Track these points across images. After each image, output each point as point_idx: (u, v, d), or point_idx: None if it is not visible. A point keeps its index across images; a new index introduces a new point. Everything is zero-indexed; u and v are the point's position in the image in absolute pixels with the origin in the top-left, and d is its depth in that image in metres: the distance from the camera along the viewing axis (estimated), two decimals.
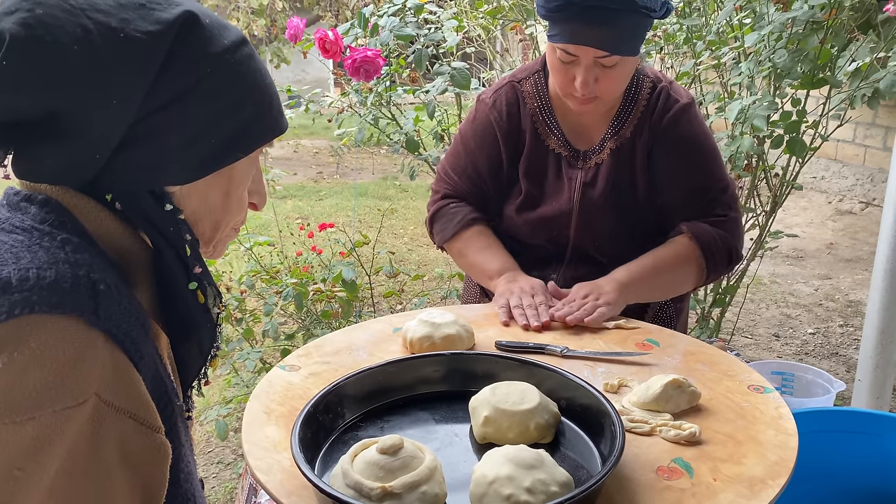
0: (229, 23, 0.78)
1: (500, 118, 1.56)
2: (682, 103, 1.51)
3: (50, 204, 0.70)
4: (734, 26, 2.50)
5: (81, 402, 0.61)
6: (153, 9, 0.70)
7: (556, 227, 1.54)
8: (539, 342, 1.30)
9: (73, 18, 0.66)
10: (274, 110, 0.79)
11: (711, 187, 1.51)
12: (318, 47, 2.17)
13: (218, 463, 2.68)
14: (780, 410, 1.06)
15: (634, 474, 0.93)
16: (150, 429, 0.66)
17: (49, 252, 0.66)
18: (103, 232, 0.72)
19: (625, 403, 1.09)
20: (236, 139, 0.75)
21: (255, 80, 0.76)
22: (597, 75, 1.38)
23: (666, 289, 1.50)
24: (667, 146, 1.50)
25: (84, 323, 0.64)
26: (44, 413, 0.60)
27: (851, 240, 4.94)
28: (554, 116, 1.55)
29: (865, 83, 2.28)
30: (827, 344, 3.49)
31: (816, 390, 1.38)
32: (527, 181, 1.55)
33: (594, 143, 1.54)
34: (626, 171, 1.51)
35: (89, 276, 0.66)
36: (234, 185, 0.79)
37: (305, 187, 6.50)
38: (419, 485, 0.83)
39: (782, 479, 0.91)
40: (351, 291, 2.47)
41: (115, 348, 0.65)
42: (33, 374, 0.61)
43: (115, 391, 0.64)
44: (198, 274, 0.78)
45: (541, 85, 1.56)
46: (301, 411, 0.96)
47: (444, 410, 1.08)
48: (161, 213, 0.74)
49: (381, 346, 1.31)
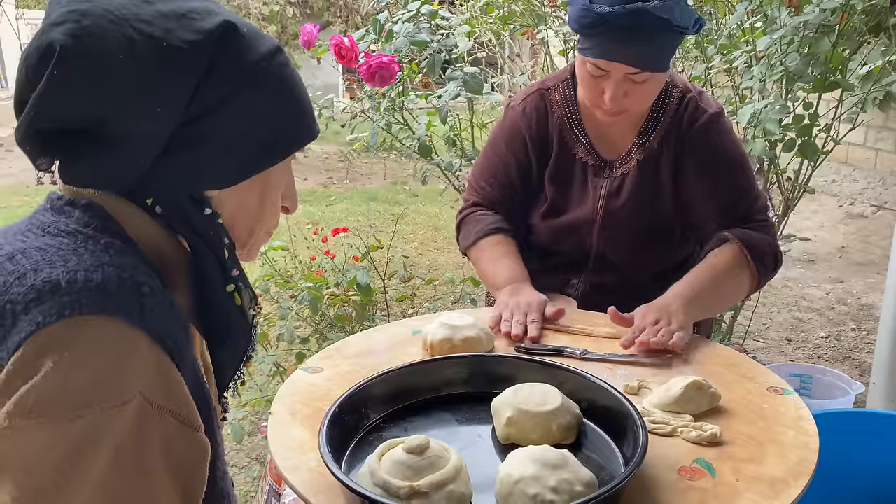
0: (263, 32, 0.80)
1: (529, 125, 1.56)
2: (710, 112, 1.49)
3: (93, 208, 0.72)
4: (746, 30, 2.51)
5: (127, 401, 0.63)
6: (193, 18, 0.72)
7: (579, 234, 1.54)
8: (558, 345, 1.31)
9: (119, 29, 0.68)
10: (308, 116, 0.81)
11: (742, 198, 1.50)
12: (334, 53, 2.20)
13: (232, 466, 2.70)
14: (800, 412, 1.07)
15: (657, 474, 0.94)
16: (191, 428, 0.68)
17: (94, 255, 0.68)
18: (143, 236, 0.74)
19: (645, 405, 1.10)
20: (273, 144, 0.77)
21: (290, 86, 0.78)
22: (626, 90, 1.37)
23: (727, 299, 1.47)
24: (696, 159, 1.48)
25: (129, 324, 0.65)
26: (92, 411, 0.62)
27: (863, 243, 4.92)
28: (582, 125, 1.55)
29: (877, 86, 2.29)
30: (840, 348, 3.48)
31: (835, 392, 1.39)
32: (552, 188, 1.56)
33: (621, 153, 1.53)
34: (652, 182, 1.51)
35: (133, 278, 0.67)
36: (270, 189, 0.81)
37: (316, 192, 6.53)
38: (446, 484, 0.85)
39: (804, 480, 0.91)
40: (366, 295, 2.48)
41: (159, 349, 0.67)
42: (82, 374, 0.62)
43: (159, 391, 0.66)
44: (235, 277, 0.79)
45: (569, 94, 1.56)
46: (327, 412, 0.98)
47: (467, 412, 1.09)
48: (201, 217, 0.76)
49: (401, 348, 1.32)
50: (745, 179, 1.52)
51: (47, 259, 0.66)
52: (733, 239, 1.42)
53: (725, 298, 1.45)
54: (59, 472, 0.60)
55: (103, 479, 0.62)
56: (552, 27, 2.96)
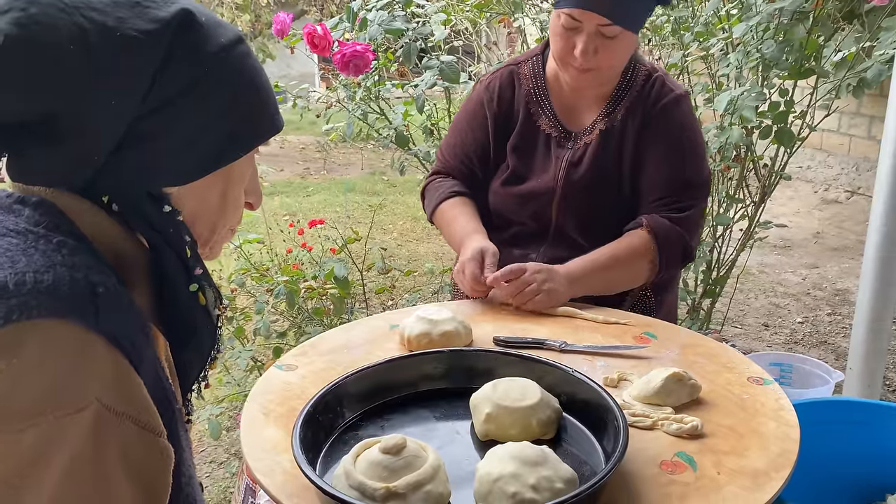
0: (225, 20, 0.77)
1: (491, 99, 1.60)
2: (676, 93, 1.53)
3: (44, 206, 0.68)
4: (722, 17, 2.50)
5: (83, 407, 0.60)
6: (149, 7, 0.69)
7: (539, 203, 1.56)
8: (537, 337, 1.30)
9: (68, 17, 0.65)
10: (271, 108, 0.78)
11: (689, 176, 1.52)
12: (307, 42, 2.15)
13: (211, 462, 2.67)
14: (780, 402, 1.06)
15: (638, 469, 0.92)
16: (152, 433, 0.65)
17: (45, 255, 0.64)
18: (99, 234, 0.71)
19: (625, 397, 1.09)
20: (234, 138, 0.74)
21: (252, 78, 0.75)
22: (597, 45, 1.40)
23: (615, 284, 1.50)
24: (656, 131, 1.52)
25: (83, 327, 0.62)
26: (45, 420, 0.58)
27: (838, 228, 4.98)
28: (548, 98, 1.58)
29: (851, 73, 2.29)
30: (816, 332, 3.52)
31: (814, 381, 1.39)
32: (514, 157, 1.58)
33: (585, 125, 1.56)
34: (614, 153, 1.53)
35: (88, 278, 0.64)
36: (232, 184, 0.78)
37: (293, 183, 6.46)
38: (423, 484, 0.83)
39: (786, 471, 0.91)
40: (343, 288, 2.45)
41: (116, 352, 0.64)
42: (33, 381, 0.59)
43: (117, 396, 0.63)
44: (199, 275, 0.77)
45: (538, 68, 1.60)
46: (301, 412, 0.95)
47: (445, 408, 1.07)
48: (160, 215, 0.73)
49: (379, 343, 1.30)
50: (694, 166, 1.53)
51: None
52: (646, 226, 1.46)
53: (614, 283, 1.49)
54: (10, 486, 0.57)
55: (59, 491, 0.59)
56: (528, 15, 2.94)
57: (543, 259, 1.54)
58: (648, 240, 1.46)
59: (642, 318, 1.40)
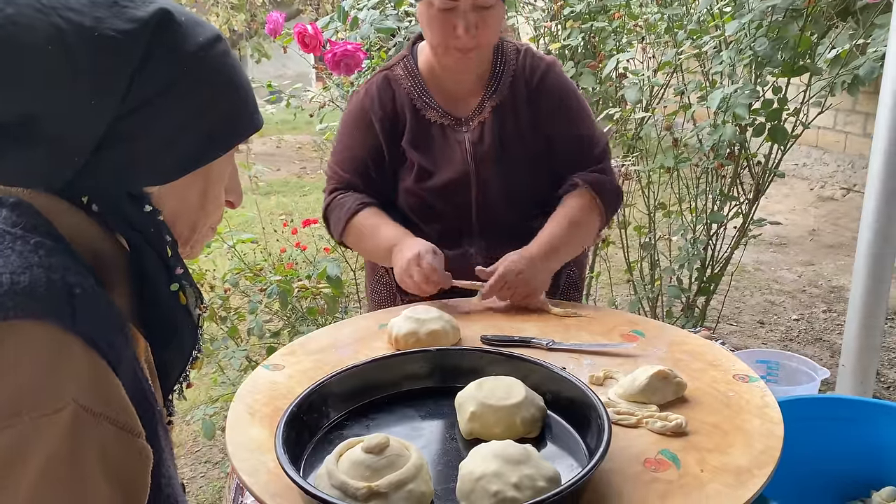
0: (203, 19, 0.77)
1: (372, 103, 1.59)
2: (547, 61, 1.60)
3: (21, 206, 0.68)
4: (715, 15, 2.50)
5: (60, 408, 0.60)
6: (126, 6, 0.68)
7: (457, 192, 1.56)
8: (524, 335, 1.30)
9: (45, 17, 0.64)
10: (250, 106, 0.78)
11: (590, 132, 1.61)
12: (298, 42, 2.15)
13: (206, 462, 2.67)
14: (765, 399, 1.06)
15: (622, 467, 0.93)
16: (130, 434, 0.65)
17: (22, 256, 0.64)
18: (77, 235, 0.70)
19: (611, 395, 1.09)
20: (214, 137, 0.74)
21: (230, 76, 0.75)
22: (476, 20, 1.42)
23: (580, 245, 1.59)
24: (544, 99, 1.56)
25: (60, 328, 0.62)
26: (20, 420, 0.58)
27: (833, 226, 4.98)
28: (429, 93, 1.59)
29: (845, 70, 2.29)
30: (811, 330, 3.52)
31: (801, 378, 1.39)
32: (416, 153, 1.57)
33: (472, 109, 1.58)
34: (511, 124, 1.56)
35: (65, 279, 0.64)
36: (212, 183, 0.78)
37: (289, 183, 6.46)
38: (405, 483, 0.83)
39: (769, 469, 0.91)
40: (336, 288, 2.45)
41: (93, 353, 0.64)
42: (8, 381, 0.59)
43: (94, 396, 0.62)
44: (179, 275, 0.76)
45: (411, 66, 1.60)
46: (284, 412, 0.95)
47: (431, 407, 1.07)
48: (140, 215, 0.73)
49: (367, 342, 1.30)
50: (590, 122, 1.63)
51: None
52: (584, 185, 1.54)
53: (580, 244, 1.59)
54: None
55: (35, 492, 0.59)
56: (522, 13, 2.94)
57: (482, 253, 1.56)
58: (590, 196, 1.53)
59: (626, 316, 1.41)
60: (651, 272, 2.87)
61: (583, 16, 2.73)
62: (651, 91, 2.72)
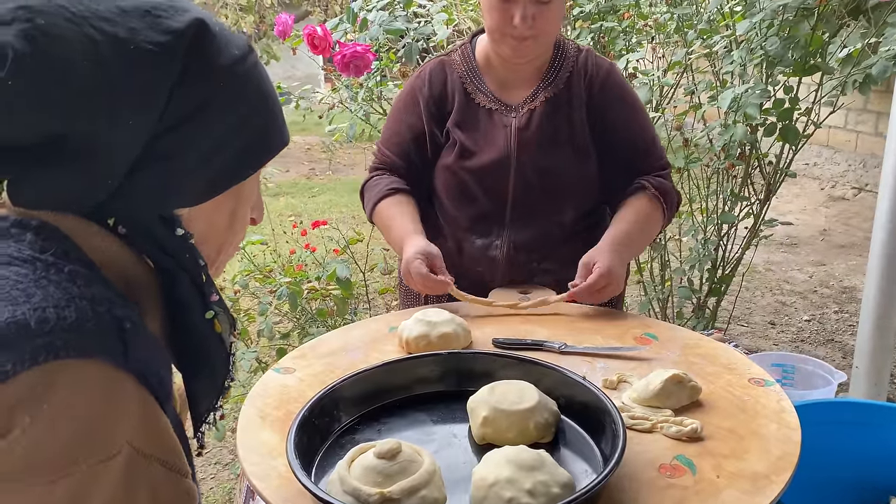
0: (233, 30, 0.73)
1: (423, 85, 1.61)
2: (609, 63, 1.61)
3: (47, 230, 0.63)
4: (725, 14, 2.48)
5: (115, 453, 0.57)
6: (159, 16, 0.64)
7: (494, 175, 1.55)
8: (537, 338, 1.29)
9: (78, 29, 0.60)
10: (280, 120, 0.75)
11: (651, 134, 1.63)
12: (307, 43, 2.15)
13: (216, 464, 2.67)
14: (781, 404, 1.05)
15: (636, 473, 0.91)
16: (179, 474, 0.63)
17: (61, 287, 0.59)
18: (108, 260, 0.66)
19: (625, 400, 1.08)
20: (248, 154, 0.71)
21: (264, 90, 0.72)
22: (534, 13, 1.44)
23: (646, 241, 1.64)
24: (608, 98, 1.57)
25: (112, 366, 0.59)
26: (78, 469, 0.56)
27: (845, 226, 4.95)
28: (481, 78, 1.60)
29: (857, 69, 2.27)
30: (822, 331, 3.49)
31: (817, 381, 1.37)
32: (460, 133, 1.58)
33: (523, 98, 1.58)
34: (562, 117, 1.56)
35: (111, 312, 0.60)
36: (242, 202, 0.75)
37: (298, 184, 6.47)
38: (418, 489, 0.82)
39: (786, 475, 0.89)
40: (346, 289, 2.45)
41: (144, 391, 0.61)
42: (64, 428, 0.56)
43: (146, 438, 0.60)
44: (215, 301, 0.73)
45: (468, 53, 1.62)
46: (296, 416, 0.95)
47: (442, 411, 1.06)
48: (172, 239, 0.68)
49: (377, 345, 1.29)
50: (649, 125, 1.64)
51: (4, 294, 0.57)
52: (648, 187, 1.56)
53: (646, 242, 1.64)
54: None
55: None
56: None
57: (508, 244, 1.55)
58: (655, 197, 1.55)
59: (639, 318, 1.40)
60: (661, 273, 2.86)
61: (592, 16, 2.72)
62: (661, 91, 2.71)
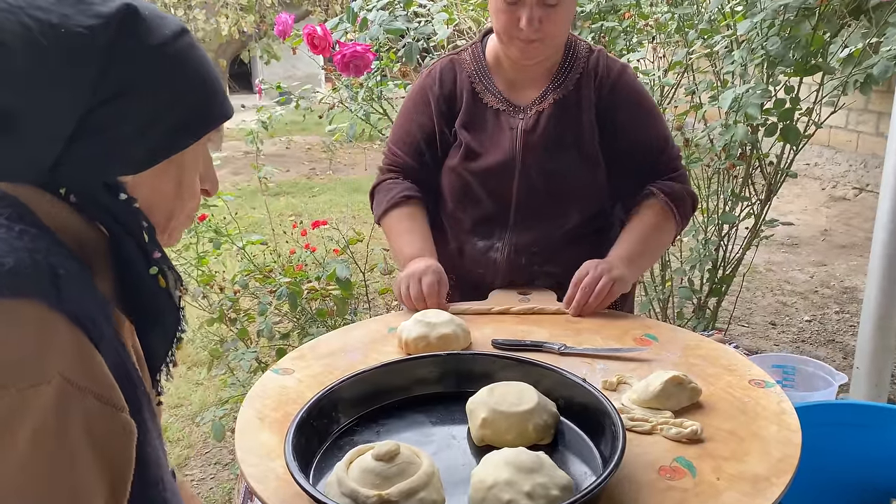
0: (167, 14, 0.80)
1: (433, 83, 1.61)
2: (621, 64, 1.59)
3: (6, 199, 0.71)
4: (726, 14, 2.48)
5: (46, 381, 0.63)
6: (91, 3, 0.71)
7: (499, 177, 1.55)
8: (536, 340, 1.28)
9: (14, 17, 0.67)
10: (218, 96, 0.81)
11: (664, 134, 1.60)
12: (307, 43, 2.15)
13: (216, 464, 2.67)
14: (782, 405, 1.04)
15: (636, 475, 0.91)
16: (114, 408, 0.67)
17: (6, 242, 0.67)
18: (61, 224, 0.73)
19: (624, 401, 1.08)
20: (184, 127, 0.77)
21: (197, 68, 0.78)
22: (540, 16, 1.43)
23: (659, 252, 1.61)
24: (618, 100, 1.55)
25: (46, 306, 0.65)
26: (7, 392, 0.61)
27: (845, 226, 4.94)
28: (490, 79, 1.59)
29: (858, 69, 2.27)
30: (823, 331, 3.49)
31: (818, 383, 1.37)
32: (466, 133, 1.57)
33: (532, 99, 1.57)
34: (571, 119, 1.54)
35: (48, 261, 0.67)
36: (185, 171, 0.80)
37: (298, 184, 6.47)
38: (416, 491, 0.82)
39: (787, 477, 0.89)
40: (346, 289, 2.44)
41: (77, 330, 0.66)
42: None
43: (79, 371, 0.65)
44: (157, 259, 0.79)
45: (478, 52, 1.61)
46: (294, 417, 0.94)
47: (441, 412, 1.06)
48: (116, 203, 0.75)
49: (376, 346, 1.29)
50: (663, 126, 1.61)
51: None
52: (658, 194, 1.53)
53: (659, 251, 1.60)
54: None
55: (24, 461, 0.61)
56: None
57: (509, 246, 1.55)
58: (666, 204, 1.53)
59: (639, 319, 1.40)
60: (662, 273, 2.85)
61: (593, 15, 2.72)
62: (662, 91, 2.70)
